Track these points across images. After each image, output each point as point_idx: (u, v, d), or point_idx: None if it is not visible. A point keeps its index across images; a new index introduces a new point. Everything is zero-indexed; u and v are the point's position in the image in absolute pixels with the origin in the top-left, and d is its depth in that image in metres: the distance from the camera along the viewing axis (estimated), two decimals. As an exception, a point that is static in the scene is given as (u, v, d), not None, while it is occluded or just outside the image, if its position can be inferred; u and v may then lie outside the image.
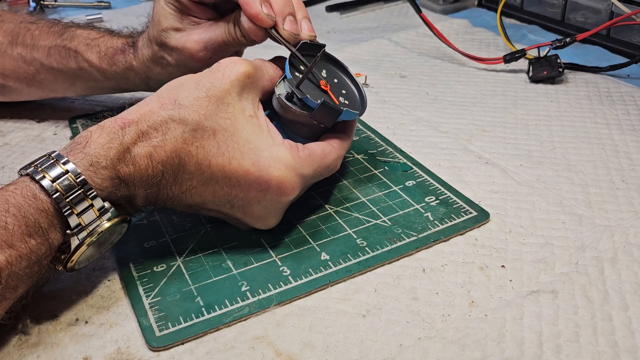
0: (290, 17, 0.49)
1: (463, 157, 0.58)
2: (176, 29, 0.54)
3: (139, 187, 0.41)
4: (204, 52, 0.53)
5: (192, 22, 0.54)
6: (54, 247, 0.38)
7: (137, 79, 0.59)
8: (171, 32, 0.54)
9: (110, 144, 0.39)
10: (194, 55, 0.54)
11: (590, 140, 0.61)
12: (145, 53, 0.57)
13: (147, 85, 0.60)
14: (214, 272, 0.44)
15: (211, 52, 0.53)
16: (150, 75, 0.58)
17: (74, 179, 0.38)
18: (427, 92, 0.72)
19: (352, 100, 0.49)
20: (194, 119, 0.41)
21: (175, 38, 0.54)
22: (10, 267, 0.35)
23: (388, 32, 0.91)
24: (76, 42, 0.59)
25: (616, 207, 0.50)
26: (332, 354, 0.38)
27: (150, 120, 0.41)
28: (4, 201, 0.36)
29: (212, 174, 0.42)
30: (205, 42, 0.53)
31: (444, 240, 0.47)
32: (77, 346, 0.39)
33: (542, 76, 0.72)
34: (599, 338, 0.38)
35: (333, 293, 0.42)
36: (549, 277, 0.43)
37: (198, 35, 0.54)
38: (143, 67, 0.58)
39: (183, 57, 0.54)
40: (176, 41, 0.54)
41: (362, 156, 0.58)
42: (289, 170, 0.43)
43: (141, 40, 0.57)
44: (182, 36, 0.54)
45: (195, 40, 0.53)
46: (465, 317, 0.40)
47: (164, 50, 0.55)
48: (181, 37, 0.54)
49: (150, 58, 0.56)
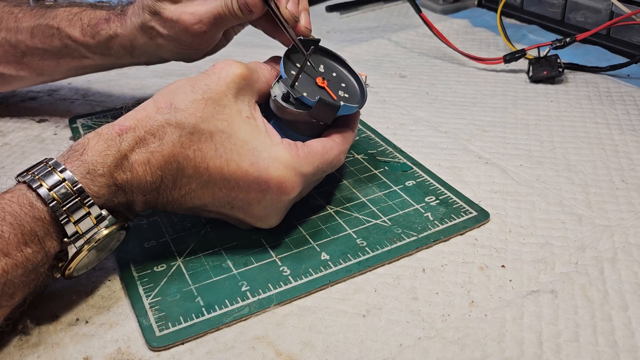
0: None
1: (463, 157, 0.58)
2: (172, 0, 0.53)
3: (137, 193, 0.41)
4: (199, 25, 0.53)
5: None
6: (51, 255, 0.38)
7: (121, 50, 0.58)
8: (166, 2, 0.53)
9: (107, 151, 0.39)
10: (189, 28, 0.53)
11: (590, 140, 0.61)
12: (134, 20, 0.56)
13: (132, 55, 0.59)
14: (214, 272, 0.44)
15: (206, 26, 0.53)
16: (135, 45, 0.57)
17: (70, 187, 0.37)
18: (427, 92, 0.72)
19: (352, 93, 0.49)
20: (191, 122, 0.41)
21: (170, 10, 0.53)
22: (7, 275, 0.35)
23: (388, 32, 0.91)
24: (58, 19, 0.58)
25: (616, 207, 0.50)
26: (332, 354, 0.38)
27: (147, 126, 0.41)
28: (0, 209, 0.36)
29: (211, 177, 0.42)
30: (201, 15, 0.52)
31: (444, 240, 0.47)
32: (77, 346, 0.39)
33: (542, 76, 0.73)
34: (598, 338, 0.38)
35: (333, 293, 0.42)
36: (549, 277, 0.43)
37: (194, 7, 0.53)
38: (129, 35, 0.56)
39: (177, 30, 0.54)
40: (171, 13, 0.53)
41: (362, 156, 0.58)
42: (288, 169, 0.43)
43: (132, 9, 0.56)
44: (177, 8, 0.53)
45: (190, 12, 0.53)
46: (465, 317, 0.40)
47: (155, 20, 0.54)
48: (176, 9, 0.53)
49: (139, 26, 0.55)
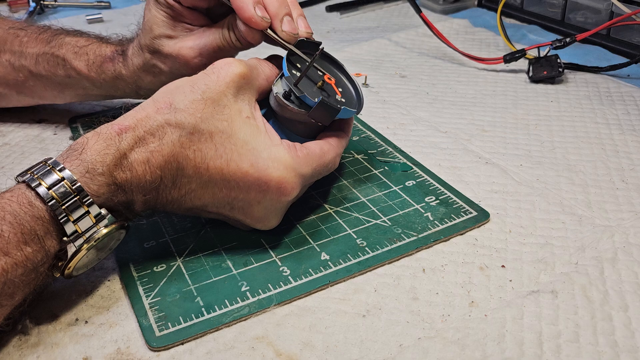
0: (287, 18, 0.48)
1: (463, 157, 0.58)
2: (169, 36, 0.53)
3: (137, 193, 0.41)
4: (199, 59, 0.53)
5: (184, 29, 0.54)
6: (51, 255, 0.38)
7: (126, 88, 0.59)
8: (164, 39, 0.54)
9: (106, 150, 0.39)
10: (189, 62, 0.53)
11: (590, 140, 0.61)
12: (135, 62, 0.56)
13: (138, 94, 0.59)
14: (213, 272, 0.44)
15: (206, 58, 0.53)
16: (140, 85, 0.57)
17: (69, 186, 0.37)
18: (427, 92, 0.72)
19: (349, 98, 0.49)
20: (190, 122, 0.41)
21: (168, 45, 0.53)
22: (6, 275, 0.35)
23: (388, 32, 0.91)
24: (64, 49, 0.58)
25: (616, 207, 0.50)
26: (332, 354, 0.38)
27: (147, 126, 0.41)
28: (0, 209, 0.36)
29: (211, 177, 0.42)
30: (200, 48, 0.53)
31: (444, 240, 0.47)
32: (77, 346, 0.39)
33: (542, 76, 0.72)
34: (598, 338, 0.38)
35: (333, 293, 0.42)
36: (549, 277, 0.43)
37: (192, 41, 0.53)
38: (133, 76, 0.57)
39: (177, 65, 0.54)
40: (170, 48, 0.53)
41: (362, 156, 0.58)
42: (288, 170, 0.43)
43: (131, 49, 0.56)
44: (176, 43, 0.53)
45: (189, 46, 0.53)
46: (465, 317, 0.40)
47: (156, 58, 0.54)
48: (175, 44, 0.53)
49: (142, 67, 0.56)
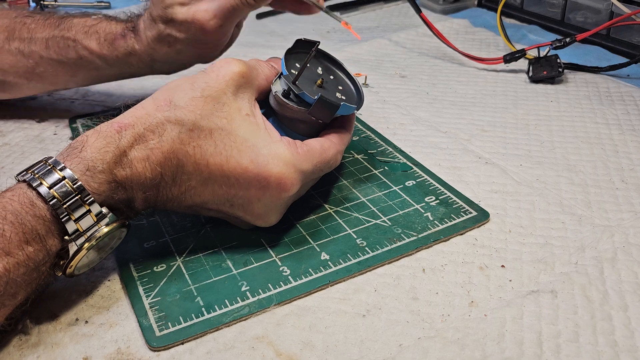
0: None
1: (463, 157, 0.58)
2: (181, 3, 0.54)
3: (137, 190, 0.41)
4: (214, 21, 0.53)
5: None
6: (52, 254, 0.38)
7: (140, 64, 0.59)
8: (177, 7, 0.54)
9: (106, 147, 0.39)
10: (205, 25, 0.54)
11: (590, 140, 0.61)
12: (149, 34, 0.56)
13: (152, 68, 0.59)
14: (213, 272, 0.44)
15: (221, 20, 0.53)
16: (155, 57, 0.57)
17: (70, 185, 0.37)
18: (427, 92, 0.72)
19: (349, 95, 0.50)
20: (190, 119, 0.41)
21: (182, 12, 0.54)
22: (8, 275, 0.35)
23: (388, 32, 0.91)
24: (74, 30, 0.58)
25: (616, 207, 0.50)
26: (332, 354, 0.38)
27: (147, 123, 0.41)
28: (1, 208, 0.36)
29: (211, 173, 0.42)
30: (215, 9, 0.53)
31: (444, 240, 0.47)
32: (77, 346, 0.39)
33: (542, 76, 0.72)
34: (598, 338, 0.38)
35: (333, 293, 0.42)
36: (549, 277, 0.43)
37: (206, 4, 0.53)
38: (147, 49, 0.57)
39: (193, 30, 0.54)
40: (184, 14, 0.54)
41: (362, 156, 0.58)
42: (287, 166, 0.43)
43: (142, 23, 0.56)
44: (189, 8, 0.54)
45: (204, 9, 0.53)
46: (465, 317, 0.40)
47: (171, 26, 0.55)
48: (189, 10, 0.54)
49: (156, 38, 0.56)
